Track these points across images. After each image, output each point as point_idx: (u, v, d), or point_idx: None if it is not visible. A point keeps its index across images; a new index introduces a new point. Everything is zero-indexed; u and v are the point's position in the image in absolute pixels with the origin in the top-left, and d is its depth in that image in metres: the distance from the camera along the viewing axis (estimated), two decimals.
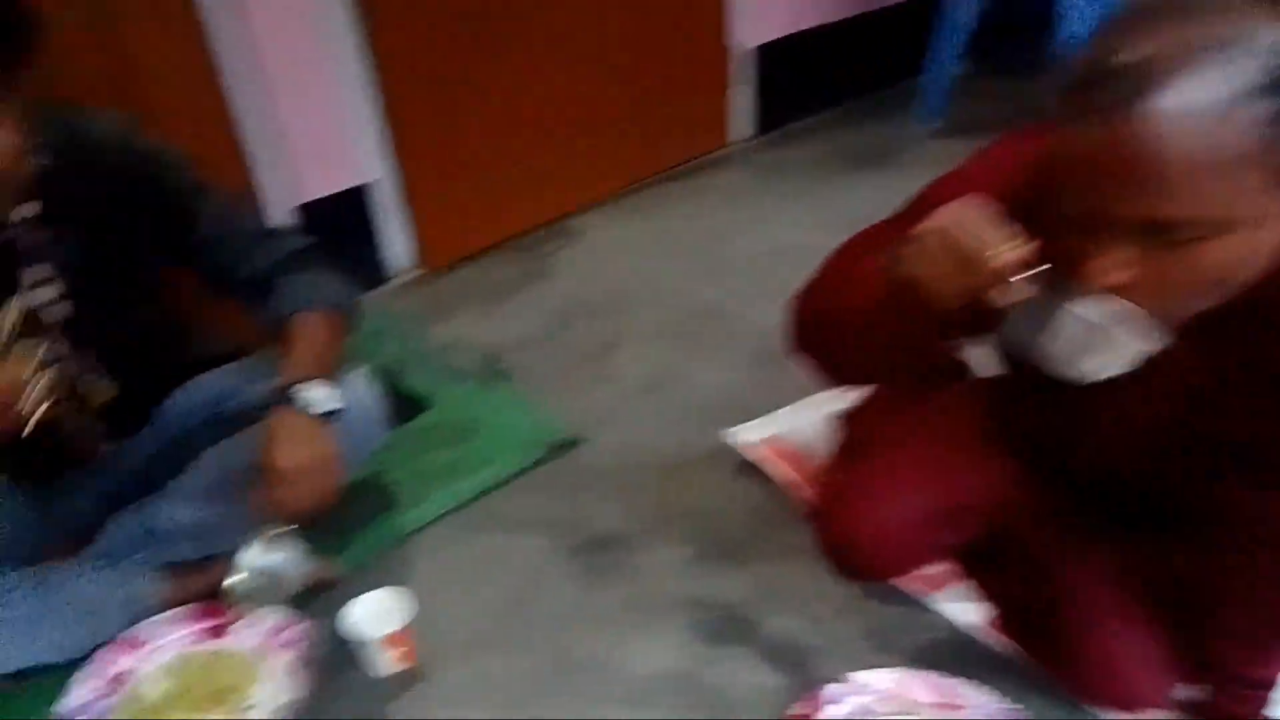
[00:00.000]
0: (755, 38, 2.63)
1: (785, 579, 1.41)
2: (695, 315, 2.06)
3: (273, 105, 1.91)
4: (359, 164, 2.09)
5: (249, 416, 1.36)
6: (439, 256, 2.28)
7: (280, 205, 2.01)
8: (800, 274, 1.10)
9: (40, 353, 1.15)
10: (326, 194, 2.06)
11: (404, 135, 2.12)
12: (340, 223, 2.10)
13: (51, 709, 1.23)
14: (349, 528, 1.54)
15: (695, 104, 2.64)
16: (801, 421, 1.63)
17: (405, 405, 1.81)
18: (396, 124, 2.10)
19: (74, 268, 1.24)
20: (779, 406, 1.69)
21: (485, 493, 1.62)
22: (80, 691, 1.26)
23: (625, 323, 2.06)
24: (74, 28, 1.63)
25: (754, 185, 2.59)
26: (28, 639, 1.25)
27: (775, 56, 2.69)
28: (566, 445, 1.71)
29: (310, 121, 1.97)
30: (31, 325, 1.20)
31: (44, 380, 1.12)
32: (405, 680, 1.31)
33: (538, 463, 1.67)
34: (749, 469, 1.60)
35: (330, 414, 1.27)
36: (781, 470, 1.57)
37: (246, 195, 1.74)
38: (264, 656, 1.31)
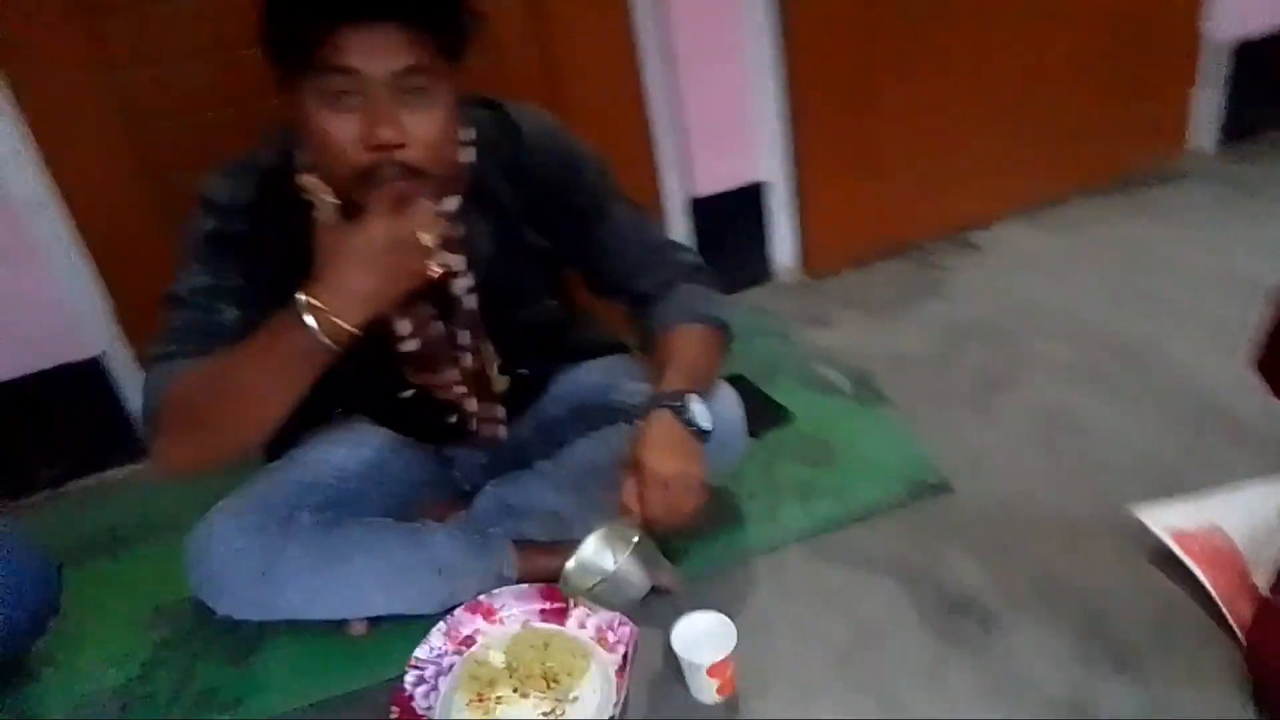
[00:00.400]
0: (1234, 30, 2.20)
1: (1191, 706, 1.13)
2: (1113, 354, 1.77)
3: (681, 100, 1.91)
4: (756, 162, 2.05)
5: (618, 413, 1.36)
6: (825, 260, 2.18)
7: (676, 197, 2.02)
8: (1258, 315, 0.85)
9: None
10: (722, 190, 2.04)
11: (805, 133, 2.04)
12: (731, 218, 2.08)
13: (404, 656, 1.32)
14: (691, 533, 1.50)
15: (1149, 106, 2.29)
16: (1241, 512, 1.30)
17: (767, 412, 1.74)
18: (799, 122, 2.02)
19: (484, 261, 1.28)
20: (1212, 485, 1.38)
21: (838, 523, 1.50)
22: (434, 642, 1.33)
23: (1023, 354, 1.82)
24: (507, 21, 1.73)
25: (1211, 204, 2.18)
26: (395, 587, 1.34)
27: (1253, 54, 2.24)
28: (936, 487, 1.53)
29: (715, 117, 1.96)
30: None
31: (435, 229, 1.09)
32: (721, 711, 1.24)
33: (900, 500, 1.52)
34: (1162, 556, 1.32)
35: (704, 433, 1.24)
36: (1204, 571, 1.26)
37: (651, 202, 1.75)
38: (594, 651, 1.31)
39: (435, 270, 1.11)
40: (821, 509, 1.52)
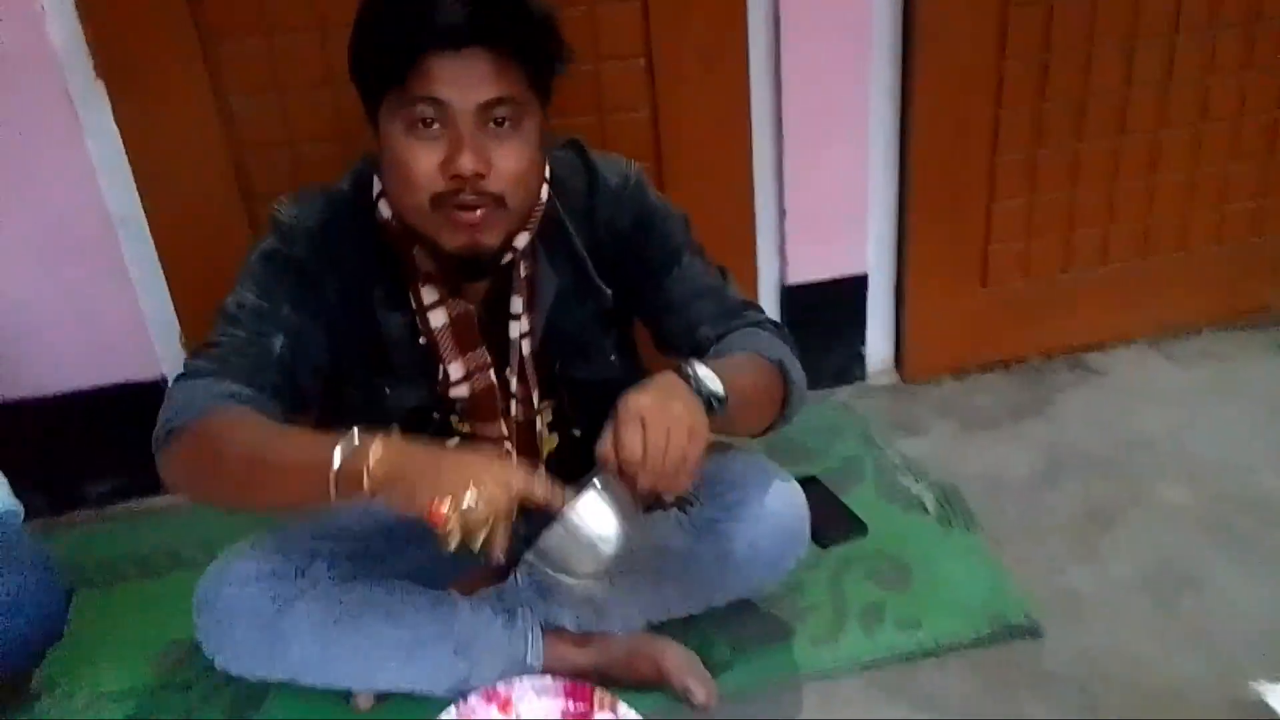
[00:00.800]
0: None
1: None
2: (1241, 506, 1.57)
3: (785, 180, 1.83)
4: (857, 253, 1.94)
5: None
6: (922, 365, 2.03)
7: (769, 282, 1.93)
8: None
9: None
10: (817, 279, 1.93)
11: (913, 230, 1.92)
12: (824, 309, 1.96)
13: None
14: (739, 644, 1.35)
15: None
16: None
17: (841, 521, 1.59)
18: (908, 217, 1.91)
19: (546, 307, 1.22)
20: None
21: (907, 656, 1.33)
22: None
23: (1136, 492, 1.63)
24: (623, 79, 1.68)
25: None
26: (407, 659, 1.24)
27: None
28: (1023, 629, 1.36)
29: (819, 202, 1.86)
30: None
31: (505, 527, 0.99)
32: None
33: (980, 639, 1.35)
34: None
35: (714, 400, 1.03)
36: None
37: (741, 283, 1.65)
38: None
39: (493, 556, 1.00)
40: (889, 637, 1.36)
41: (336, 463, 0.96)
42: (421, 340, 1.20)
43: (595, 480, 0.98)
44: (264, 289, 1.15)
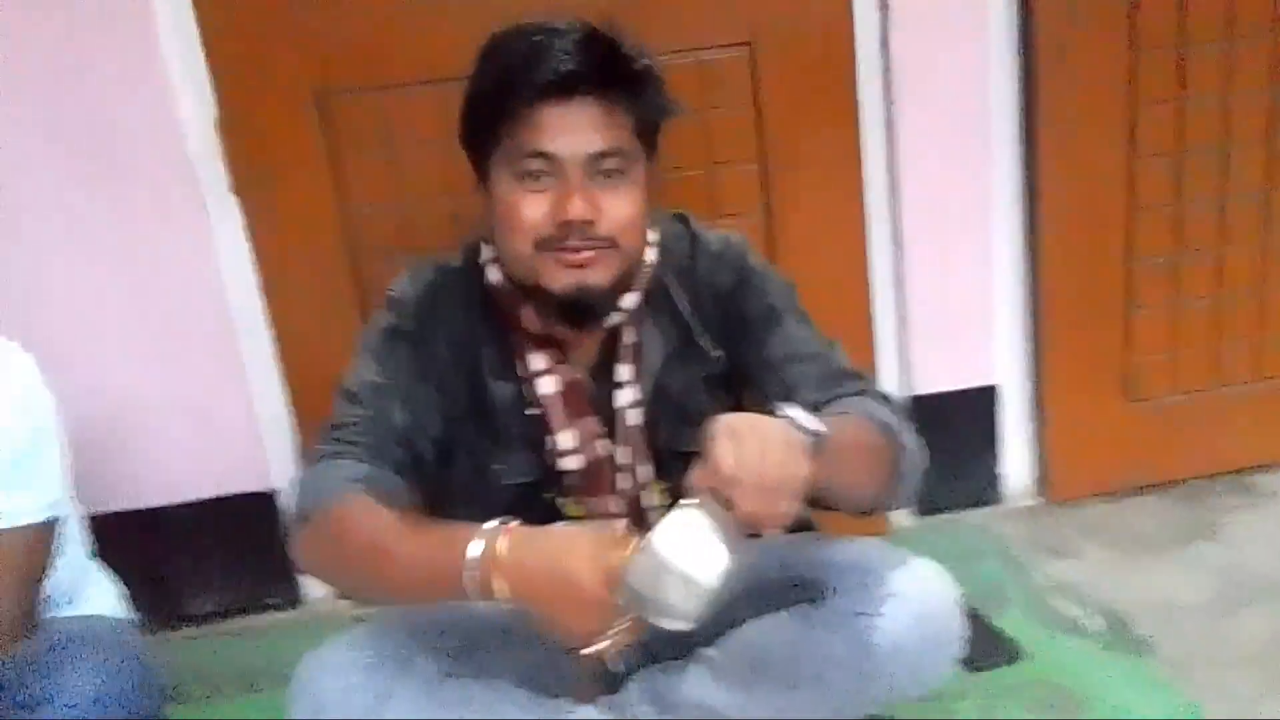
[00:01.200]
0: None
1: None
2: None
3: (906, 286, 1.76)
4: (987, 363, 1.83)
5: (803, 591, 1.12)
6: (1068, 486, 1.87)
7: (893, 393, 1.82)
8: None
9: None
10: (946, 389, 1.82)
11: (1048, 339, 1.81)
12: (955, 423, 1.83)
13: None
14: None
15: None
16: None
17: (990, 643, 1.42)
18: (1042, 325, 1.80)
19: (653, 373, 1.16)
20: None
21: None
22: None
23: None
24: (737, 184, 1.67)
25: None
26: None
27: None
28: None
29: (943, 309, 1.78)
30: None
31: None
32: None
33: None
34: None
35: (814, 435, 0.91)
36: None
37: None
38: None
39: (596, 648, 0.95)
40: None
41: (467, 562, 0.95)
42: (529, 411, 1.15)
43: (681, 502, 0.87)
44: (381, 363, 1.15)
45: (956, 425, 1.84)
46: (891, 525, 1.79)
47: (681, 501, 0.87)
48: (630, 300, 1.13)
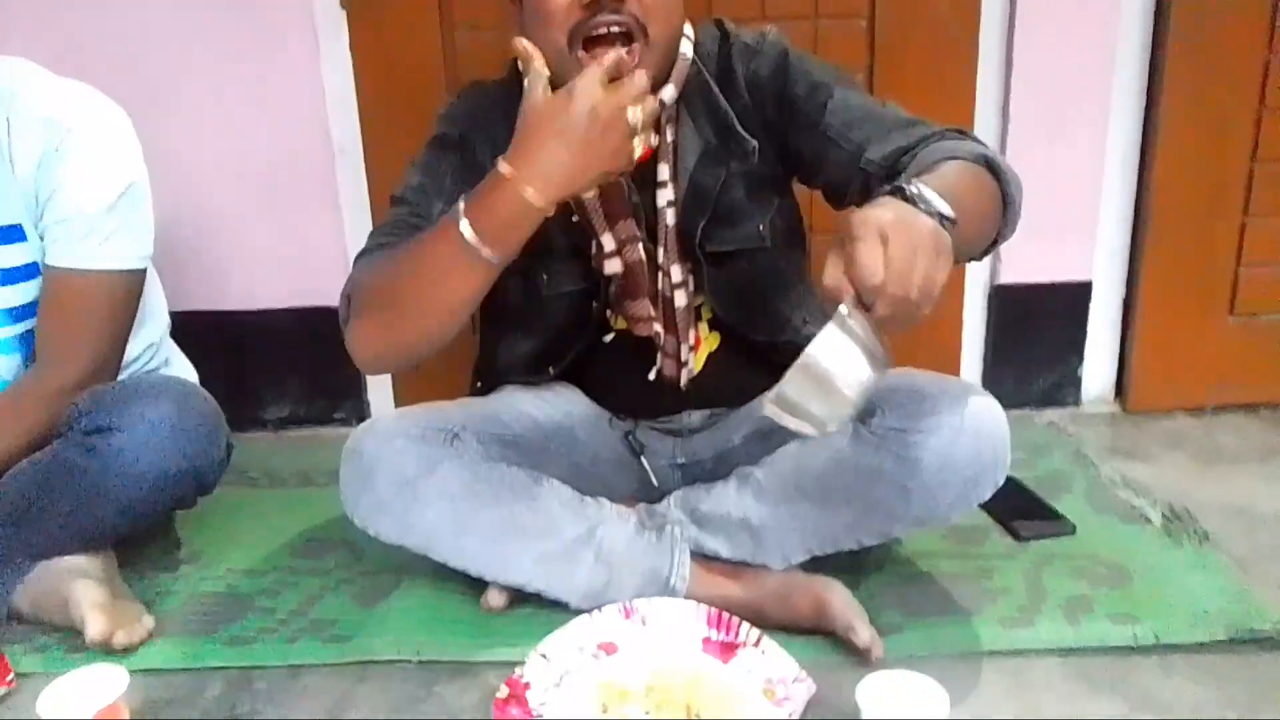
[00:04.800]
0: None
1: None
2: None
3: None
4: (1081, 257, 1.75)
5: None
6: (1150, 395, 1.79)
7: (976, 279, 1.77)
8: None
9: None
10: (1032, 281, 1.75)
11: (1152, 239, 1.72)
12: (1037, 318, 1.78)
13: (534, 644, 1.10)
14: (914, 610, 1.18)
15: None
16: None
17: (1040, 516, 1.40)
18: (1147, 223, 1.72)
19: (689, 167, 1.16)
20: None
21: (1119, 650, 1.11)
22: (571, 636, 1.10)
23: None
24: (840, 31, 1.62)
25: None
26: (544, 555, 1.15)
27: None
28: (1271, 642, 1.11)
29: (1043, 193, 1.67)
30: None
31: (646, 107, 0.98)
32: None
33: (1213, 642, 1.11)
34: None
35: (947, 224, 0.86)
36: None
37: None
38: (754, 702, 1.02)
39: (641, 150, 0.98)
40: (1099, 629, 1.14)
41: (463, 204, 0.98)
42: (574, 218, 1.17)
43: (840, 310, 0.83)
44: (427, 169, 1.19)
45: (1042, 320, 1.79)
46: None
47: (838, 310, 0.83)
48: (668, 94, 1.12)
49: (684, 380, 1.22)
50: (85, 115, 1.21)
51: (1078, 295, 1.77)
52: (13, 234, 1.21)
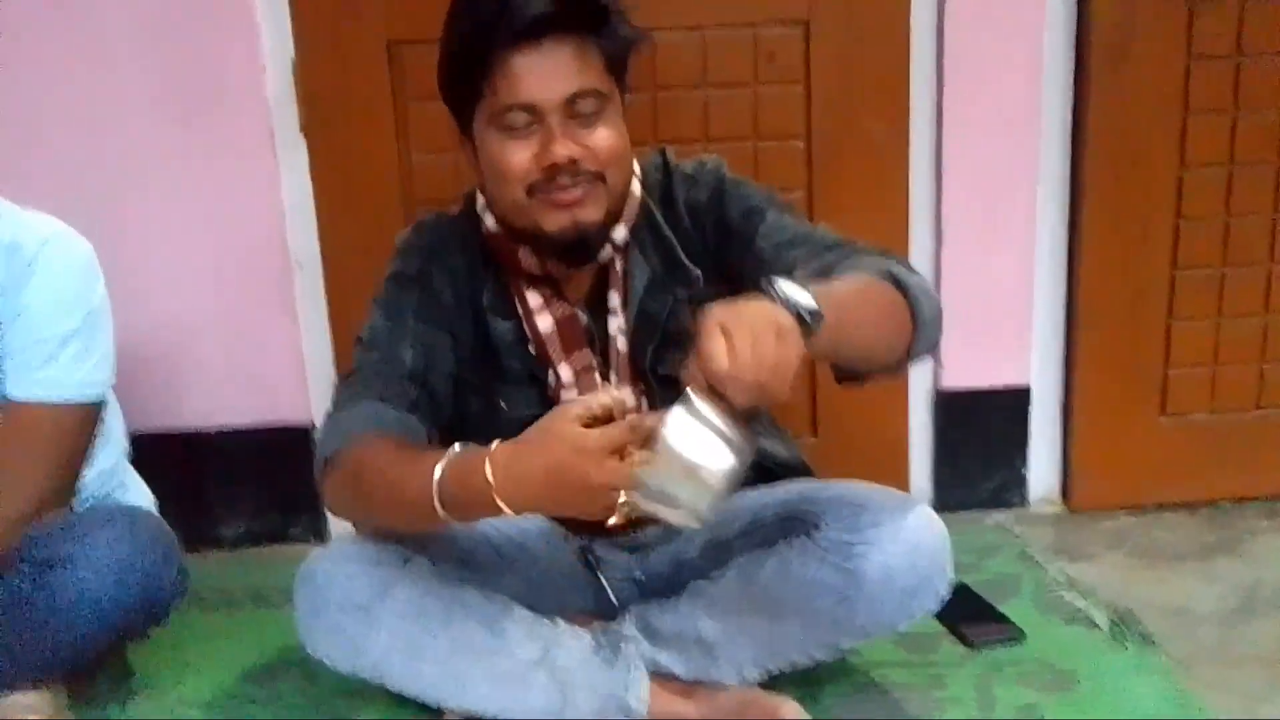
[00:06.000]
0: None
1: None
2: None
3: (941, 277, 1.76)
4: (1018, 362, 1.82)
5: (800, 526, 1.14)
6: (1092, 495, 1.84)
7: (919, 386, 1.83)
8: None
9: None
10: (974, 386, 1.82)
11: (1083, 343, 1.79)
12: (981, 422, 1.83)
13: None
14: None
15: None
16: None
17: (992, 623, 1.42)
18: (1076, 327, 1.79)
19: (638, 297, 1.21)
20: None
21: None
22: None
23: None
24: (784, 162, 1.71)
25: None
26: (498, 676, 1.15)
27: None
28: None
29: (976, 303, 1.77)
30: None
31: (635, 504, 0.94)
32: None
33: None
34: None
35: (807, 316, 0.90)
36: None
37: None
38: None
39: (616, 519, 0.96)
40: None
41: (437, 475, 0.99)
42: (531, 348, 1.21)
43: (687, 392, 0.88)
44: (389, 310, 1.23)
45: (985, 424, 1.84)
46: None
47: (684, 397, 0.88)
48: (620, 233, 1.18)
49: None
50: (49, 245, 1.23)
51: (1017, 399, 1.83)
52: None
